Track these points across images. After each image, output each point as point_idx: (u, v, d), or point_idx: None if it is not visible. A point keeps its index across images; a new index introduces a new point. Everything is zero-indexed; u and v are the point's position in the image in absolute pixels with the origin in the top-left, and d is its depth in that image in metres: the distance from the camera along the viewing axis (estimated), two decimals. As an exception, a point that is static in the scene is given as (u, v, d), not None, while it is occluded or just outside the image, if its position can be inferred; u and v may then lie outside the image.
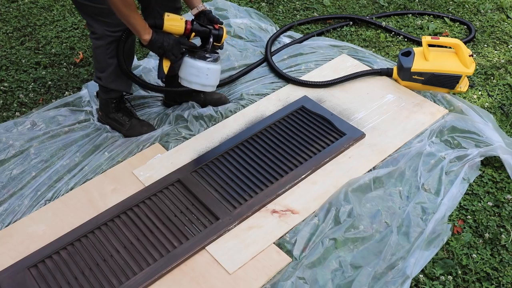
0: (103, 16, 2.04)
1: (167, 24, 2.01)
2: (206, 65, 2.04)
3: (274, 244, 1.86)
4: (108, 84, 2.22)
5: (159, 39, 1.99)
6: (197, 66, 2.04)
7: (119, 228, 1.92)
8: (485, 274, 1.78)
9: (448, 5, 3.29)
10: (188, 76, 2.06)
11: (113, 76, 2.20)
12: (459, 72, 2.43)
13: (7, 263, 1.81)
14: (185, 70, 2.07)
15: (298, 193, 2.04)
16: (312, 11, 3.28)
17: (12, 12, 3.30)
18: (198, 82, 2.06)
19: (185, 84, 2.10)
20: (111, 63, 2.16)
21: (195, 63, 2.04)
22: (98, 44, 2.12)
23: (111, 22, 2.05)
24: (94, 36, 2.13)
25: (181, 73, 2.09)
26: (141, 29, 1.96)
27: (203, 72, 2.05)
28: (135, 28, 1.96)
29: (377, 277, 1.74)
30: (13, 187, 2.10)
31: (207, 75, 2.06)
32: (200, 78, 2.06)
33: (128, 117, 2.35)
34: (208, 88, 2.10)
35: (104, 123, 2.39)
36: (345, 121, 2.34)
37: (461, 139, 2.23)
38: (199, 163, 2.16)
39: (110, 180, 2.12)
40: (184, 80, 2.09)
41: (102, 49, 2.13)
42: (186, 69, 2.06)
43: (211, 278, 1.76)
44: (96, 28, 2.09)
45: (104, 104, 2.33)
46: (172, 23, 2.02)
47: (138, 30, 1.96)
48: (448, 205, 1.97)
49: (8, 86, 2.70)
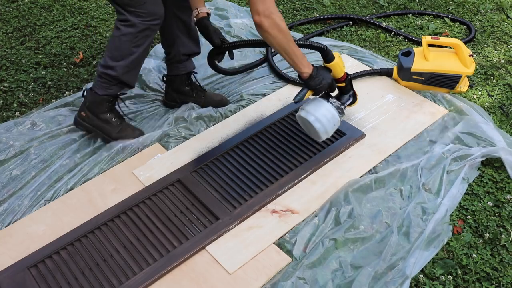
0: (135, 7, 2.00)
1: (337, 62, 1.97)
2: (338, 118, 2.05)
3: (274, 244, 1.86)
4: (122, 74, 2.13)
5: (320, 76, 1.94)
6: (333, 113, 2.02)
7: (119, 228, 1.92)
8: (485, 274, 1.78)
9: (448, 5, 3.29)
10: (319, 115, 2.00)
11: (130, 66, 2.12)
12: (459, 72, 2.43)
13: (7, 263, 1.81)
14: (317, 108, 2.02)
15: (298, 193, 2.04)
16: (312, 11, 3.28)
17: (12, 12, 3.30)
18: (325, 126, 2.01)
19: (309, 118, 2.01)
20: (134, 51, 2.09)
21: (333, 110, 2.02)
22: (127, 32, 2.04)
23: (144, 12, 2.01)
24: (125, 24, 2.04)
25: (310, 107, 2.03)
26: (302, 61, 1.90)
27: (334, 122, 2.03)
28: (294, 60, 1.89)
29: (377, 277, 1.74)
30: (13, 187, 2.10)
31: (334, 125, 2.05)
32: (329, 125, 2.02)
33: (119, 119, 2.28)
34: (324, 136, 2.06)
35: (87, 128, 2.26)
36: (345, 121, 2.34)
37: (463, 139, 2.23)
38: (199, 163, 2.16)
39: (110, 180, 2.12)
40: (310, 115, 2.01)
41: (130, 37, 2.05)
42: (320, 109, 2.01)
43: (211, 278, 1.76)
44: (128, 17, 2.03)
45: (98, 103, 2.20)
46: (340, 64, 1.99)
47: (297, 63, 1.90)
48: (448, 205, 1.97)
49: (8, 86, 2.70)
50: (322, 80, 1.95)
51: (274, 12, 1.80)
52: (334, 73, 2.01)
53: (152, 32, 2.10)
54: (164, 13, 2.09)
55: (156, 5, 2.05)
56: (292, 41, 1.87)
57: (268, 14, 1.79)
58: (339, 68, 2.00)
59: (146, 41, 2.10)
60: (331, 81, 2.00)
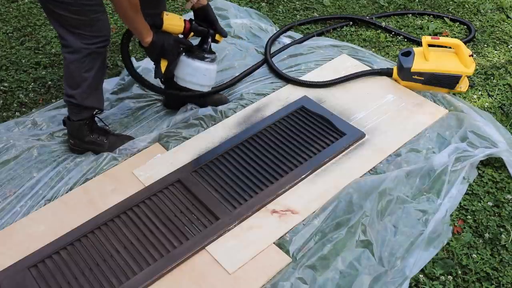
0: (81, 29, 1.95)
1: (166, 23, 1.98)
2: (204, 65, 2.04)
3: (274, 244, 1.86)
4: (83, 101, 2.10)
5: (160, 40, 1.96)
6: (195, 66, 2.04)
7: (119, 228, 1.92)
8: (485, 274, 1.78)
9: (448, 5, 3.29)
10: (185, 76, 2.06)
11: (88, 91, 2.09)
12: (459, 72, 2.43)
13: (7, 263, 1.81)
14: (182, 70, 2.06)
15: (298, 193, 2.04)
16: (312, 11, 3.28)
17: (12, 12, 3.30)
18: (195, 82, 2.06)
19: (181, 83, 2.09)
20: (87, 77, 2.05)
21: (194, 63, 2.04)
22: (73, 59, 2.01)
23: (89, 34, 1.97)
24: (68, 50, 2.00)
25: (178, 72, 2.08)
26: (144, 31, 1.92)
27: (201, 72, 2.05)
28: (138, 31, 1.92)
29: (377, 278, 1.74)
30: (13, 187, 2.10)
31: (204, 75, 2.06)
32: (198, 78, 2.05)
33: (104, 135, 2.23)
34: (205, 88, 2.10)
35: (81, 151, 2.24)
36: (345, 121, 2.34)
37: (464, 139, 2.22)
38: (199, 163, 2.16)
39: (110, 180, 2.12)
40: (180, 80, 2.08)
41: (76, 64, 2.01)
42: (184, 69, 2.06)
43: (211, 278, 1.76)
44: (70, 42, 1.98)
45: (77, 129, 2.18)
46: (171, 22, 2.00)
47: (141, 33, 1.92)
48: (449, 206, 1.97)
49: (8, 86, 2.70)
50: (164, 43, 1.95)
51: None
52: (173, 32, 2.00)
53: (99, 55, 2.05)
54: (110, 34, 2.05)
55: (103, 25, 2.00)
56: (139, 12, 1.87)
57: None
58: (173, 27, 1.99)
59: (95, 64, 2.05)
60: (174, 41, 1.98)
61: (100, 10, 1.97)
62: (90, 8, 1.92)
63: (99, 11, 1.97)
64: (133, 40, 3.05)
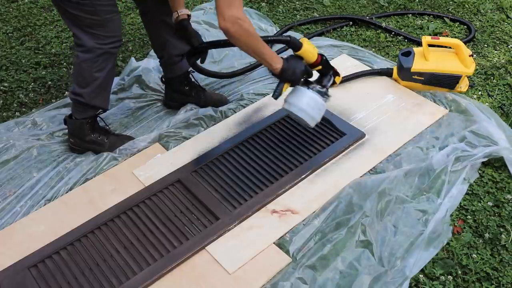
0: (95, 29, 1.97)
1: (305, 48, 1.93)
2: (323, 102, 2.02)
3: (274, 244, 1.86)
4: (91, 100, 2.12)
5: (291, 67, 1.91)
6: (316, 99, 2.00)
7: (119, 228, 1.92)
8: (485, 274, 1.78)
9: (448, 5, 3.29)
10: (303, 105, 1.99)
11: (97, 91, 2.11)
12: (459, 72, 2.43)
13: (7, 263, 1.81)
14: (299, 98, 2.00)
15: (298, 193, 2.04)
16: (312, 11, 3.28)
17: (12, 12, 3.30)
18: (310, 114, 1.99)
19: (293, 109, 2.01)
20: (98, 77, 2.07)
21: (315, 96, 2.00)
22: (86, 58, 2.02)
23: (102, 34, 1.99)
24: (82, 49, 2.02)
25: (292, 98, 2.02)
26: (272, 58, 1.87)
27: (319, 107, 2.01)
28: (264, 59, 1.86)
29: (377, 278, 1.74)
30: (13, 187, 2.10)
31: (320, 110, 2.03)
32: (314, 112, 2.00)
33: (105, 135, 2.24)
34: (313, 123, 2.04)
35: (81, 151, 2.24)
36: (345, 121, 2.34)
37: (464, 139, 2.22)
38: (199, 163, 2.16)
39: (110, 180, 2.12)
40: (293, 106, 2.01)
41: (89, 63, 2.03)
42: (302, 98, 2.00)
43: (211, 278, 1.76)
44: (85, 41, 1.99)
45: (79, 127, 2.20)
46: (310, 50, 1.95)
47: (268, 60, 1.87)
48: (449, 206, 1.97)
49: (8, 86, 2.70)
50: (295, 70, 1.92)
51: (241, 17, 1.74)
52: (306, 59, 1.97)
53: (111, 56, 2.07)
54: (121, 35, 2.06)
55: (116, 25, 2.02)
56: (261, 42, 1.84)
57: (234, 20, 1.73)
58: (309, 53, 1.96)
59: (107, 64, 2.07)
60: (304, 68, 1.96)
61: (113, 11, 1.99)
62: (103, 9, 1.93)
63: (113, 12, 1.98)
64: (133, 40, 3.05)
